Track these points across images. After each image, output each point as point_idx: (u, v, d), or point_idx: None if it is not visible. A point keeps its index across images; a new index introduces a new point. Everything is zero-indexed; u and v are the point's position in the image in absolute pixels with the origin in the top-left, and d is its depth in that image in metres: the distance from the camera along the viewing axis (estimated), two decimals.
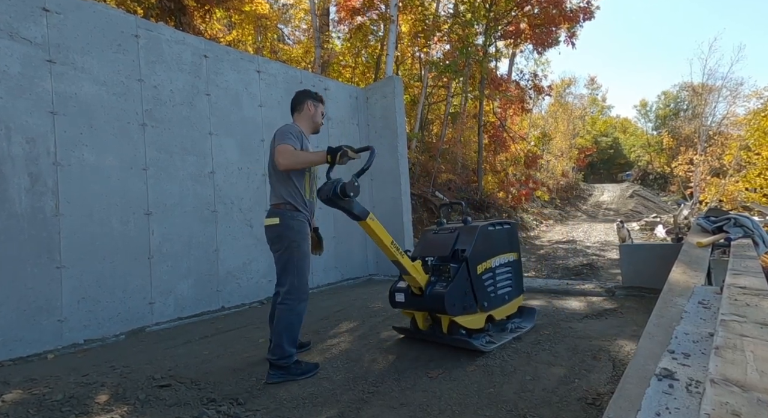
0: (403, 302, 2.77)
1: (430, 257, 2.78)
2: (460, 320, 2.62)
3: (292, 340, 2.55)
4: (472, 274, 2.66)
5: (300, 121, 2.84)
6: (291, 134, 2.58)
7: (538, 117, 32.88)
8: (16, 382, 2.67)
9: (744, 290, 1.83)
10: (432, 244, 2.93)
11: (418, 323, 2.88)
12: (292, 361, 2.55)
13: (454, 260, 2.68)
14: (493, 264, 2.86)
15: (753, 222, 3.77)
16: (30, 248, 3.40)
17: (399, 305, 2.83)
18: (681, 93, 41.01)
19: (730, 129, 27.65)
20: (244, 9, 12.27)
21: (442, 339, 2.77)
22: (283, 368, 2.51)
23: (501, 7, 14.90)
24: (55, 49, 3.63)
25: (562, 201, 27.64)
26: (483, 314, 2.76)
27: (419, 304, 2.70)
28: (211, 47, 4.86)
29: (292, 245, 2.57)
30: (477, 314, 2.72)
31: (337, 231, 6.18)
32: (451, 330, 2.70)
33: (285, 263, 2.59)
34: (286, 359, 2.51)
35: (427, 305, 2.64)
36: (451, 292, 2.53)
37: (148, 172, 4.16)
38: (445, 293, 2.51)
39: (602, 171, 49.20)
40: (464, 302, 2.62)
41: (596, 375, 2.35)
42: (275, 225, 2.59)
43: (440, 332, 2.76)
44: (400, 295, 2.77)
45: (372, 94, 6.80)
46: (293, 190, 2.63)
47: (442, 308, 2.53)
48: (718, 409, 0.85)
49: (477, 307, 2.71)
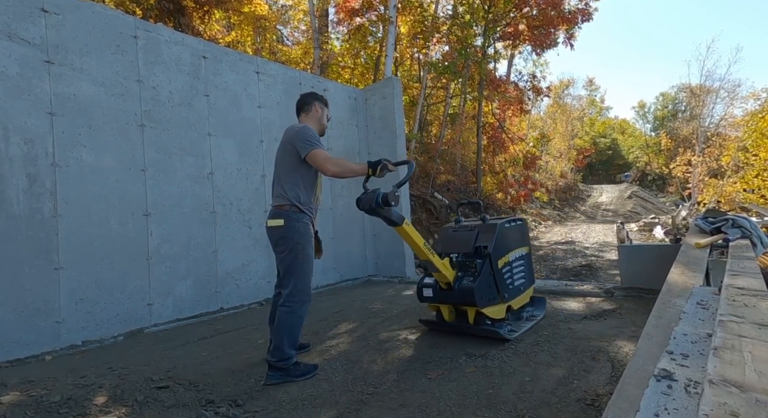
0: (431, 296, 2.96)
1: (453, 253, 2.98)
2: (487, 311, 2.84)
3: (292, 342, 2.54)
4: (495, 268, 2.89)
5: (308, 122, 2.84)
6: (315, 138, 2.63)
7: (536, 118, 32.93)
8: (13, 384, 2.66)
9: (742, 290, 1.84)
10: (454, 241, 3.13)
11: (444, 315, 3.09)
12: (292, 362, 2.54)
13: (478, 256, 2.90)
14: (510, 258, 3.09)
15: (751, 223, 3.77)
16: (28, 248, 3.39)
17: (427, 300, 3.02)
18: (679, 94, 41.15)
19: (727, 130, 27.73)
20: (243, 10, 12.27)
21: (469, 329, 2.98)
22: (283, 370, 2.51)
23: (500, 8, 14.93)
24: (54, 50, 3.62)
25: (560, 202, 27.67)
26: (504, 304, 2.98)
27: (448, 298, 2.92)
28: (210, 48, 4.86)
29: (296, 247, 2.56)
30: (499, 304, 2.95)
31: (336, 232, 6.17)
32: (478, 321, 2.92)
33: (289, 265, 2.58)
34: (286, 360, 2.51)
35: (457, 298, 2.86)
36: (480, 286, 2.77)
37: (146, 173, 4.15)
38: (474, 287, 2.74)
39: (601, 172, 49.30)
40: (489, 294, 2.85)
41: (595, 376, 2.35)
42: (279, 226, 2.58)
43: (466, 322, 2.97)
44: (428, 290, 2.96)
45: (371, 95, 6.80)
46: (303, 193, 2.63)
47: (472, 300, 2.75)
48: (716, 409, 0.85)
49: (499, 298, 2.95)
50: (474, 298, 2.74)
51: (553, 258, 9.11)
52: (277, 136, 5.48)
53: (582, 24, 15.76)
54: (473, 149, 16.92)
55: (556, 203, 26.61)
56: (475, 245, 2.95)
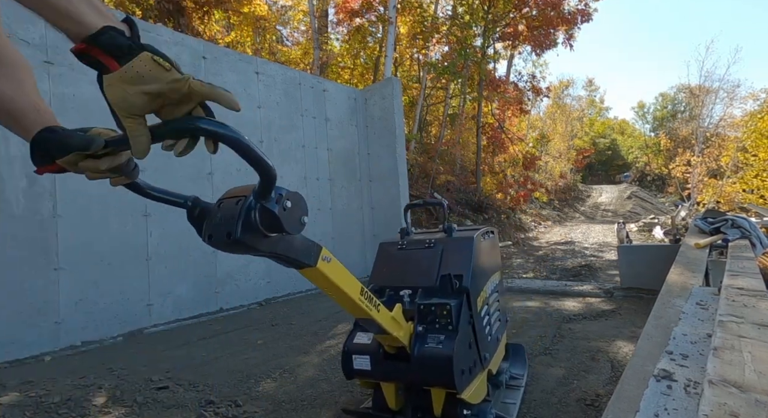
0: (369, 370, 1.67)
1: (405, 289, 1.74)
2: (467, 395, 1.61)
3: None
4: (474, 312, 1.74)
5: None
6: None
7: (536, 118, 32.98)
8: (12, 384, 2.66)
9: (741, 290, 1.84)
10: (402, 266, 1.92)
11: (388, 400, 1.77)
12: None
13: (446, 293, 1.71)
14: (488, 292, 1.96)
15: (750, 223, 3.78)
16: (27, 249, 3.38)
17: (361, 375, 1.71)
18: (678, 95, 41.21)
19: (727, 131, 27.78)
20: (242, 10, 12.28)
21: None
22: None
23: (499, 8, 14.95)
24: (53, 51, 3.62)
25: (560, 202, 27.69)
26: (483, 372, 1.82)
27: (400, 372, 1.64)
28: (210, 48, 4.86)
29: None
30: (480, 375, 1.77)
31: (336, 232, 6.17)
32: (449, 412, 1.68)
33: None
34: None
35: (418, 374, 1.59)
36: (459, 350, 1.57)
37: (146, 173, 4.13)
38: (452, 353, 1.52)
39: (600, 172, 49.35)
40: (469, 361, 1.68)
41: (595, 376, 2.35)
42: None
43: (428, 415, 1.73)
44: (362, 358, 1.68)
45: (371, 95, 6.81)
46: None
47: (446, 378, 1.54)
48: (716, 410, 0.86)
49: (480, 364, 1.79)
50: (451, 373, 1.52)
51: (552, 258, 9.11)
52: (277, 136, 5.49)
53: (581, 24, 15.80)
54: (473, 150, 16.93)
55: (556, 204, 26.63)
56: (439, 273, 1.76)
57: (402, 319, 1.59)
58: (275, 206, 0.85)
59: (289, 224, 0.89)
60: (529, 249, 11.44)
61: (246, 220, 0.84)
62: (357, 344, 1.73)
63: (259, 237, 0.88)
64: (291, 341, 3.38)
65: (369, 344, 1.69)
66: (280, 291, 5.30)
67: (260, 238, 0.89)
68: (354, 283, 1.29)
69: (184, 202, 1.01)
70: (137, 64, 0.60)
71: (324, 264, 1.14)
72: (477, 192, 15.21)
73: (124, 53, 0.60)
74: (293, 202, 0.91)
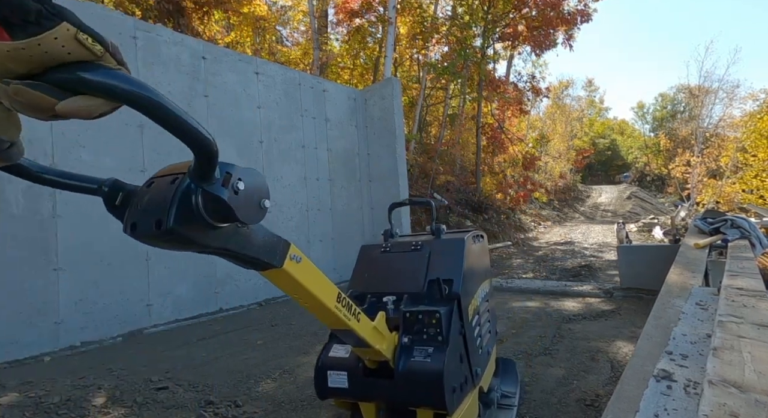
0: (346, 388, 1.45)
1: (388, 295, 1.56)
2: (458, 416, 1.42)
3: None
4: (465, 322, 1.56)
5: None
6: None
7: (536, 119, 32.99)
8: (12, 385, 2.65)
9: (741, 291, 1.84)
10: (386, 271, 1.75)
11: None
12: None
13: (435, 300, 1.54)
14: (478, 301, 1.78)
15: (750, 223, 3.79)
16: (27, 249, 3.38)
17: (337, 394, 1.49)
18: (678, 95, 41.25)
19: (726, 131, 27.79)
20: (242, 11, 12.28)
21: None
22: None
23: (499, 9, 14.96)
24: None
25: (560, 202, 27.68)
26: (475, 389, 1.62)
27: (382, 391, 1.41)
28: (210, 49, 4.86)
29: None
30: (471, 392, 1.57)
31: (336, 232, 6.17)
32: None
33: None
34: None
35: (404, 392, 1.37)
36: (450, 365, 1.38)
37: (146, 174, 4.14)
38: (442, 368, 1.33)
39: (600, 173, 49.37)
40: (460, 377, 1.48)
41: (595, 376, 2.35)
42: None
43: None
44: (339, 375, 1.47)
45: (370, 95, 6.81)
46: None
47: (436, 397, 1.33)
48: (716, 410, 0.86)
49: (472, 380, 1.59)
50: (441, 391, 1.32)
51: (552, 258, 9.11)
52: (277, 136, 5.49)
53: (581, 25, 15.81)
54: (472, 150, 16.93)
55: (556, 204, 26.64)
56: (427, 278, 1.60)
57: (385, 329, 1.38)
58: (222, 190, 0.64)
59: (244, 211, 0.67)
60: (528, 249, 11.45)
61: (183, 205, 0.62)
62: (333, 358, 1.51)
63: (203, 228, 0.65)
64: (291, 342, 3.38)
65: (347, 358, 1.47)
66: (280, 291, 5.28)
67: (205, 229, 0.66)
68: (329, 287, 1.13)
69: (97, 187, 0.74)
70: (48, 40, 0.40)
71: (292, 265, 0.95)
72: (477, 192, 15.22)
73: (26, 21, 0.39)
74: (248, 183, 0.69)
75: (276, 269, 0.89)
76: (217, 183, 0.64)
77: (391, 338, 1.39)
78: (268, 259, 0.86)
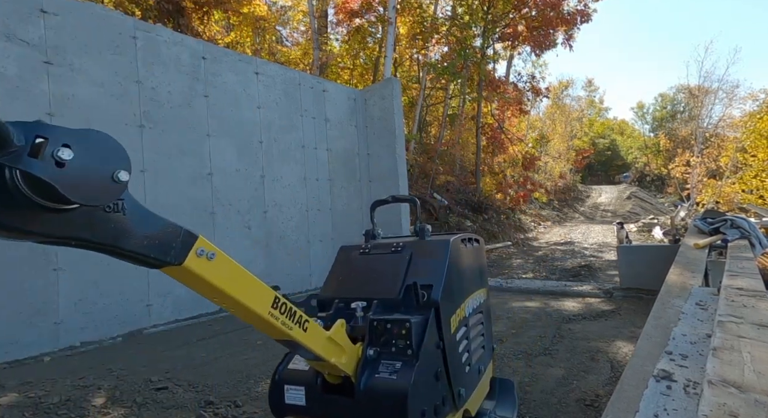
0: (302, 405, 1.31)
1: (358, 301, 1.39)
2: None
3: None
4: (445, 335, 1.38)
5: None
6: None
7: (535, 119, 33.00)
8: (11, 385, 2.65)
9: (741, 291, 1.84)
10: (362, 274, 1.60)
11: None
12: None
13: (408, 307, 1.37)
14: (467, 311, 1.61)
15: (749, 223, 3.79)
16: (27, 249, 3.38)
17: (295, 412, 1.33)
18: (678, 95, 41.26)
19: (726, 131, 27.81)
20: (242, 11, 12.29)
21: None
22: None
23: (499, 9, 14.98)
24: (53, 51, 3.62)
25: (560, 203, 27.70)
26: (457, 413, 1.46)
27: (344, 411, 1.25)
28: (210, 49, 4.86)
29: None
30: (452, 416, 1.42)
31: (336, 232, 6.17)
32: None
33: None
34: None
35: (364, 414, 1.22)
36: (419, 382, 1.21)
37: (145, 174, 4.14)
38: (407, 386, 1.17)
39: (600, 173, 49.40)
40: (435, 398, 1.31)
41: (594, 376, 2.35)
42: None
43: None
44: (296, 391, 1.32)
45: (370, 95, 6.81)
46: None
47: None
48: (716, 410, 0.86)
49: (452, 403, 1.42)
50: (405, 415, 1.16)
51: (552, 259, 9.11)
52: (277, 136, 5.49)
53: (581, 25, 15.83)
54: (472, 150, 16.94)
55: (555, 204, 26.65)
56: (404, 282, 1.43)
57: (345, 339, 1.22)
58: (31, 162, 0.48)
59: (78, 188, 0.51)
60: (528, 249, 11.45)
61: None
62: (291, 371, 1.38)
63: (34, 212, 0.50)
64: None
65: (306, 372, 1.32)
66: (280, 291, 5.29)
67: (36, 213, 0.51)
68: (260, 290, 1.01)
69: None
70: None
71: (200, 262, 0.82)
72: (477, 192, 15.22)
73: None
74: (83, 150, 0.53)
75: (173, 266, 0.76)
76: (21, 155, 0.47)
77: (353, 351, 1.25)
78: (157, 254, 0.70)
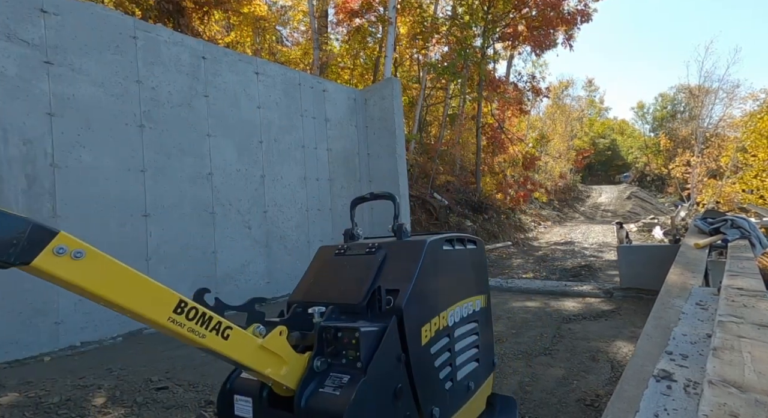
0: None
1: (319, 305, 1.30)
2: None
3: None
4: (412, 346, 1.26)
5: None
6: None
7: (536, 119, 32.99)
8: (12, 385, 2.65)
9: (741, 291, 1.84)
10: (332, 277, 1.51)
11: None
12: None
13: (372, 315, 1.28)
14: (449, 320, 1.48)
15: (750, 223, 3.78)
16: None
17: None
18: (678, 95, 41.24)
19: (726, 131, 27.79)
20: (242, 11, 12.29)
21: None
22: None
23: (499, 9, 14.97)
24: (53, 51, 3.62)
25: (560, 202, 27.69)
26: None
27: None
28: (210, 49, 4.86)
29: None
30: None
31: (336, 233, 6.17)
32: None
33: None
34: None
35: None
36: (365, 400, 1.09)
37: (146, 174, 4.14)
38: (345, 407, 1.04)
39: (600, 173, 49.38)
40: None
41: (594, 376, 2.35)
42: None
43: None
44: (244, 402, 1.24)
45: (370, 95, 6.81)
46: None
47: None
48: (716, 410, 0.85)
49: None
50: None
51: (552, 259, 9.11)
52: (277, 136, 5.49)
53: (581, 25, 15.83)
54: (472, 150, 16.94)
55: (556, 204, 26.64)
56: (371, 286, 1.32)
57: (285, 348, 1.12)
58: None
59: None
60: (528, 249, 11.45)
61: None
62: (242, 380, 1.26)
63: None
64: None
65: (254, 382, 1.21)
66: (280, 291, 5.29)
67: None
68: (152, 293, 0.91)
69: None
70: None
71: (56, 262, 0.72)
72: (477, 192, 15.23)
73: None
74: None
75: (16, 266, 0.68)
76: None
77: (298, 361, 1.14)
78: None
